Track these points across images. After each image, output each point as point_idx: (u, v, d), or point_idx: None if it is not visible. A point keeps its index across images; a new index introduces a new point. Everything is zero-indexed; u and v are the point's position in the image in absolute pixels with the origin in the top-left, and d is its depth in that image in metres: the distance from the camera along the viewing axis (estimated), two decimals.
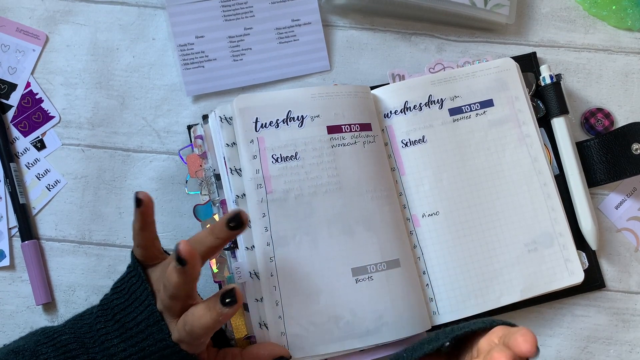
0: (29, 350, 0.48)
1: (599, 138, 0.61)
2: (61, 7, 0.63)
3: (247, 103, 0.54)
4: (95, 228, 0.60)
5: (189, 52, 0.62)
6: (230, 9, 0.63)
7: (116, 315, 0.49)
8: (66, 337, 0.49)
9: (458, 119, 0.60)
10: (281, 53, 0.63)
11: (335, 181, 0.54)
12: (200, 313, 0.44)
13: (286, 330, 0.52)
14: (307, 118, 0.55)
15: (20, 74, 0.62)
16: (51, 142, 0.61)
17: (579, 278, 0.58)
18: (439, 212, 0.58)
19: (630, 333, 0.61)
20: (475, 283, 0.57)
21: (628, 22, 0.66)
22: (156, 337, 0.47)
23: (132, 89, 0.62)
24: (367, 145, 0.56)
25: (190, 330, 0.45)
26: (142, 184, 0.61)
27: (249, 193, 0.53)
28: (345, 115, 0.56)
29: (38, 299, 0.58)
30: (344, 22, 0.65)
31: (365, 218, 0.54)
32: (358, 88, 0.58)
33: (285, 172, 0.54)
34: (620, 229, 0.63)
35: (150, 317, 0.47)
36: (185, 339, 0.46)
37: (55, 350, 0.48)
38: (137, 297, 0.49)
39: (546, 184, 0.59)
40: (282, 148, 0.54)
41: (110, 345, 0.48)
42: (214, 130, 0.56)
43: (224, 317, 0.44)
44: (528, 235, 0.58)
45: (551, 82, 0.62)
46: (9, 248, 0.59)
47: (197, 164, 0.57)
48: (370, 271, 0.53)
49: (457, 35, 0.65)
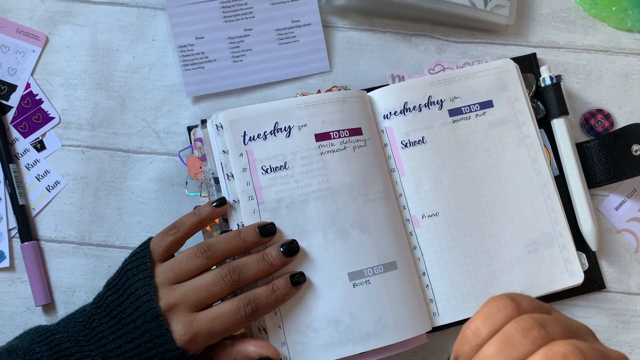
0: (22, 349, 0.48)
1: (599, 139, 0.61)
2: (61, 8, 0.63)
3: (234, 116, 0.55)
4: (95, 229, 0.60)
5: (189, 53, 0.62)
6: (230, 10, 0.63)
7: (112, 311, 0.49)
8: (60, 335, 0.49)
9: (458, 119, 0.60)
10: (281, 54, 0.63)
11: (326, 187, 0.54)
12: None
13: (286, 339, 0.52)
14: (294, 128, 0.55)
15: (20, 75, 0.62)
16: (51, 143, 0.61)
17: (578, 279, 0.58)
18: (439, 212, 0.58)
19: (630, 334, 0.61)
20: (475, 284, 0.57)
21: (628, 23, 0.66)
22: (154, 333, 0.47)
23: (132, 90, 0.62)
24: (358, 149, 0.56)
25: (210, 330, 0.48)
26: (142, 185, 0.61)
27: (242, 205, 0.54)
28: (334, 122, 0.56)
29: (38, 300, 0.58)
30: (344, 23, 0.65)
31: (360, 221, 0.54)
32: (347, 93, 0.58)
33: (276, 182, 0.54)
34: (620, 230, 0.63)
35: (147, 313, 0.47)
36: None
37: (49, 349, 0.48)
38: (132, 292, 0.48)
39: (546, 185, 0.59)
40: (271, 159, 0.55)
41: (106, 342, 0.48)
42: (211, 136, 0.56)
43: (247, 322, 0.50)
44: (528, 235, 0.58)
45: (551, 83, 0.62)
46: (9, 249, 0.59)
47: (197, 166, 0.57)
48: (367, 275, 0.53)
49: (457, 36, 0.65)
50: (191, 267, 0.50)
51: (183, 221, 0.52)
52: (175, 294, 0.48)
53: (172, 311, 0.48)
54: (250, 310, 0.49)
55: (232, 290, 0.50)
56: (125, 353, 0.47)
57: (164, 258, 0.51)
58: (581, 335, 0.33)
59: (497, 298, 0.34)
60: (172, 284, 0.49)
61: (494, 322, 0.33)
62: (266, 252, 0.51)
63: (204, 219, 0.52)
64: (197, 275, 0.50)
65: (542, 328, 0.32)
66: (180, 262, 0.50)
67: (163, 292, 0.49)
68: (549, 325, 0.32)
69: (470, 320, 0.34)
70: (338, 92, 0.58)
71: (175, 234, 0.51)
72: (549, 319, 0.32)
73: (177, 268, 0.50)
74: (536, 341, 0.31)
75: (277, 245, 0.52)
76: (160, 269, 0.50)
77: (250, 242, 0.51)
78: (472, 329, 0.34)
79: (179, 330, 0.47)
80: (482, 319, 0.34)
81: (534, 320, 0.32)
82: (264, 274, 0.51)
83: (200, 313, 0.49)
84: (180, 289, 0.49)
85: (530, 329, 0.32)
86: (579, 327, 0.34)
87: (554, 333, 0.32)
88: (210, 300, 0.49)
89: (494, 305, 0.34)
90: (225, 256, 0.51)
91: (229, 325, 0.48)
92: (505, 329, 0.32)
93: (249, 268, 0.50)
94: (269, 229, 0.52)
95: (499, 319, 0.33)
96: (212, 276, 0.49)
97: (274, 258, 0.51)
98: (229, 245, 0.51)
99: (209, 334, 0.48)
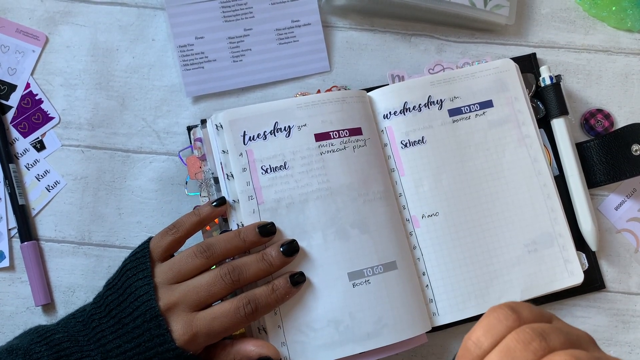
0: (22, 349, 0.48)
1: (599, 139, 0.61)
2: (61, 7, 0.63)
3: (234, 116, 0.55)
4: (94, 229, 0.60)
5: (188, 53, 0.62)
6: (230, 10, 0.63)
7: (112, 311, 0.49)
8: (59, 335, 0.49)
9: (457, 119, 0.60)
10: (281, 54, 0.63)
11: (325, 187, 0.54)
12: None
13: (286, 339, 0.52)
14: (294, 128, 0.55)
15: (20, 75, 0.62)
16: (51, 143, 0.61)
17: (578, 279, 0.58)
18: (439, 212, 0.58)
19: (630, 334, 0.61)
20: (475, 284, 0.57)
21: (628, 23, 0.66)
22: (153, 332, 0.47)
23: (132, 90, 0.62)
24: (357, 149, 0.56)
25: (210, 330, 0.48)
26: (142, 185, 0.61)
27: (242, 204, 0.54)
28: (333, 121, 0.56)
29: (37, 300, 0.58)
30: (344, 23, 0.65)
31: (360, 221, 0.54)
32: (347, 93, 0.58)
33: (275, 182, 0.54)
34: (620, 230, 0.63)
35: (147, 313, 0.47)
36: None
37: (49, 349, 0.48)
38: (132, 292, 0.49)
39: (546, 185, 0.59)
40: (270, 159, 0.55)
41: (106, 341, 0.48)
42: (211, 135, 0.56)
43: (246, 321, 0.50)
44: (528, 235, 0.58)
45: (551, 83, 0.62)
46: (9, 249, 0.59)
47: (197, 165, 0.57)
48: (366, 275, 0.53)
49: (456, 36, 0.65)
50: (191, 267, 0.50)
51: (183, 221, 0.52)
52: (174, 294, 0.49)
53: (171, 311, 0.48)
54: (250, 310, 0.49)
55: (232, 290, 0.50)
56: (125, 353, 0.47)
57: (163, 258, 0.51)
58: (582, 345, 0.33)
59: (498, 308, 0.35)
60: (172, 283, 0.49)
61: (495, 333, 0.33)
62: (266, 252, 0.51)
63: (204, 219, 0.52)
64: (197, 275, 0.50)
65: (542, 339, 0.32)
66: (180, 261, 0.50)
67: (162, 292, 0.49)
68: (550, 335, 0.32)
69: (471, 331, 0.35)
70: (338, 92, 0.58)
71: (175, 233, 0.51)
72: (549, 328, 0.33)
73: (176, 267, 0.50)
74: (537, 353, 0.32)
75: (277, 245, 0.52)
76: (160, 269, 0.50)
77: (250, 242, 0.51)
78: (473, 340, 0.34)
79: (179, 330, 0.47)
80: (483, 330, 0.34)
81: (534, 332, 0.32)
82: (264, 273, 0.51)
83: (199, 313, 0.49)
84: (180, 288, 0.49)
85: (531, 340, 0.32)
86: (579, 336, 0.34)
87: (555, 344, 0.32)
88: (210, 299, 0.49)
89: (494, 316, 0.34)
90: (224, 256, 0.51)
91: (228, 324, 0.48)
92: (506, 341, 0.33)
93: (249, 268, 0.50)
94: (268, 229, 0.52)
95: (499, 330, 0.34)
96: (211, 276, 0.49)
97: (273, 258, 0.51)
98: (228, 245, 0.51)
99: (209, 334, 0.48)
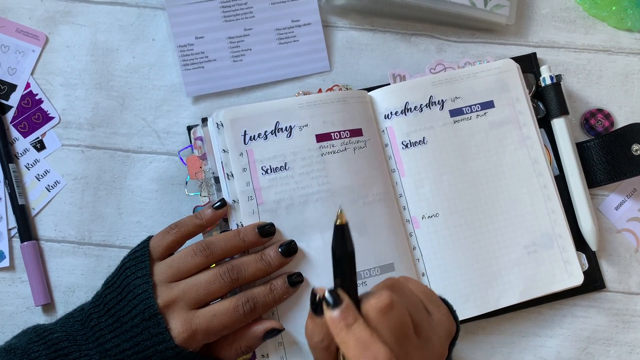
0: (20, 348, 0.48)
1: (599, 139, 0.61)
2: (61, 7, 0.63)
3: (235, 115, 0.55)
4: (94, 229, 0.60)
5: (188, 52, 0.62)
6: (230, 10, 0.63)
7: (110, 310, 0.49)
8: (58, 334, 0.49)
9: (459, 120, 0.60)
10: (281, 54, 0.63)
11: (325, 189, 0.54)
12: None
13: (283, 340, 0.52)
14: (295, 128, 0.55)
15: (20, 75, 0.62)
16: (51, 142, 0.61)
17: (578, 280, 0.58)
18: (439, 213, 0.58)
19: (630, 334, 0.61)
20: (474, 285, 0.57)
21: (628, 23, 0.66)
22: (152, 331, 0.47)
23: (132, 90, 0.62)
24: (358, 150, 0.56)
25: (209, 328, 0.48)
26: (142, 185, 0.61)
27: (241, 205, 0.54)
28: (335, 122, 0.56)
29: (37, 300, 0.58)
30: (344, 22, 0.65)
31: (358, 224, 0.54)
32: (349, 93, 0.58)
33: (275, 182, 0.54)
34: (620, 229, 0.63)
35: (145, 311, 0.47)
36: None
37: (47, 348, 0.48)
38: (131, 290, 0.49)
39: (546, 186, 0.59)
40: (271, 159, 0.54)
41: (104, 340, 0.48)
42: (212, 134, 0.56)
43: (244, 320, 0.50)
44: (528, 237, 0.58)
45: (551, 83, 0.62)
46: (9, 249, 0.59)
47: (197, 165, 0.57)
48: (363, 277, 0.53)
49: (457, 36, 0.65)
50: (190, 265, 0.50)
51: (185, 222, 0.52)
52: (173, 292, 0.49)
53: (170, 309, 0.48)
54: (248, 308, 0.49)
55: (231, 288, 0.50)
56: (124, 351, 0.47)
57: (163, 257, 0.51)
58: None
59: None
60: (171, 281, 0.49)
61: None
62: (264, 252, 0.52)
63: (206, 223, 0.53)
64: (196, 273, 0.50)
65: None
66: (179, 260, 0.50)
67: (161, 290, 0.49)
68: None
69: None
70: (339, 91, 0.58)
71: (176, 233, 0.51)
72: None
73: (175, 266, 0.50)
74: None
75: (276, 246, 0.52)
76: (159, 267, 0.50)
77: (249, 241, 0.52)
78: None
79: (178, 328, 0.47)
80: None
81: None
82: (262, 273, 0.51)
83: (198, 310, 0.49)
84: (179, 286, 0.49)
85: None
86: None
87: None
88: (209, 298, 0.49)
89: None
90: (224, 255, 0.51)
91: (227, 322, 0.49)
92: None
93: (248, 267, 0.50)
94: (268, 230, 0.52)
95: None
96: (210, 274, 0.49)
97: (272, 258, 0.51)
98: (228, 245, 0.51)
99: (208, 332, 0.48)
